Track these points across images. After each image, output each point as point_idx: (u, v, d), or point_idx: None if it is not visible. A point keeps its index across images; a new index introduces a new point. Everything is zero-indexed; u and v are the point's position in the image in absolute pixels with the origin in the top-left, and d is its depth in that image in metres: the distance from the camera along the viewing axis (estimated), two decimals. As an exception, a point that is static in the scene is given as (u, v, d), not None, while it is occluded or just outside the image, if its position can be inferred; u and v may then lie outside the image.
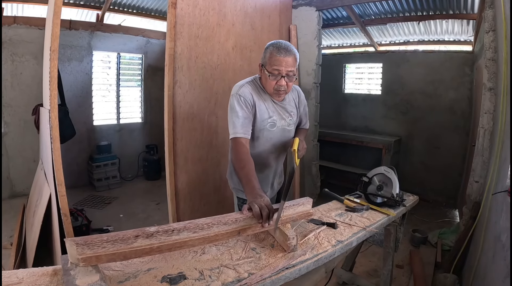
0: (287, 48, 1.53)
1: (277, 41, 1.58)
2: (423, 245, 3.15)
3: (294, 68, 1.56)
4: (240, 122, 1.58)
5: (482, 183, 2.41)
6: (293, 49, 1.55)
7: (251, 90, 1.63)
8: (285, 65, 1.53)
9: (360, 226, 1.48)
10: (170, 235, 1.00)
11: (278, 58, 1.52)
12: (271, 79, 1.57)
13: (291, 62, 1.54)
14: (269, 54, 1.55)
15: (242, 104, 1.59)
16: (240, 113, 1.58)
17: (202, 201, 2.75)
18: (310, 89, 3.60)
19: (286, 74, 1.55)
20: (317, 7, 3.49)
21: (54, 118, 2.06)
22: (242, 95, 1.60)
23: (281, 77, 1.55)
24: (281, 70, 1.53)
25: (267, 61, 1.57)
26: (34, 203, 2.75)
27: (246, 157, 1.52)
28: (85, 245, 0.88)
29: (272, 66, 1.54)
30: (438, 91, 4.33)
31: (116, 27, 4.82)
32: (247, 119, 1.60)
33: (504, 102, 1.88)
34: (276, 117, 1.71)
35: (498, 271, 1.39)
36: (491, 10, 2.32)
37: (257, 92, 1.66)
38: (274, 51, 1.53)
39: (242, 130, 1.57)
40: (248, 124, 1.61)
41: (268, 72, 1.56)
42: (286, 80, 1.57)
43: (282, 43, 1.55)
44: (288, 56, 1.52)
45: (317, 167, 3.87)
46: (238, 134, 1.57)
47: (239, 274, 1.04)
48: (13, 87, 4.01)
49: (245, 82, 1.67)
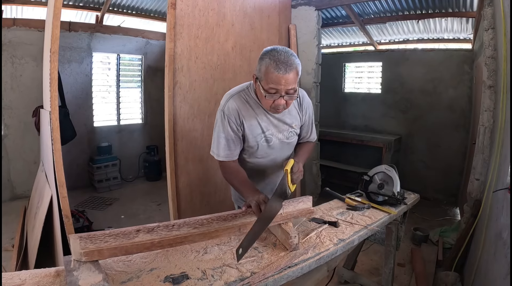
0: (287, 62, 1.25)
1: (275, 50, 1.28)
2: (424, 243, 3.15)
3: (295, 85, 1.30)
4: (222, 144, 1.45)
5: (482, 181, 2.41)
6: (294, 61, 1.28)
7: (239, 105, 1.43)
8: (285, 83, 1.27)
9: (362, 225, 1.48)
10: (171, 230, 1.02)
11: (277, 76, 1.25)
12: (267, 98, 1.32)
13: (292, 79, 1.28)
14: (265, 69, 1.27)
15: (226, 123, 1.43)
16: (223, 133, 1.44)
17: (203, 202, 2.75)
18: (310, 89, 3.60)
19: (286, 93, 1.30)
20: (316, 7, 3.50)
21: (54, 120, 2.06)
22: (227, 112, 1.42)
23: (279, 97, 1.30)
24: (280, 89, 1.28)
25: (263, 76, 1.29)
26: (35, 205, 2.75)
27: (235, 170, 1.45)
28: (88, 239, 0.90)
29: (269, 84, 1.28)
30: (438, 89, 4.33)
31: (115, 29, 4.82)
32: (231, 140, 1.45)
33: (504, 99, 1.88)
34: (272, 130, 1.51)
35: (500, 268, 1.40)
36: (490, 8, 2.32)
37: (247, 107, 1.44)
38: (272, 67, 1.25)
39: (224, 154, 1.46)
40: (233, 144, 1.46)
41: (264, 90, 1.30)
42: (286, 98, 1.32)
43: (281, 54, 1.26)
44: (289, 72, 1.25)
45: (317, 166, 3.88)
46: (220, 157, 1.47)
47: (242, 273, 1.05)
48: (13, 89, 4.01)
49: (234, 93, 1.47)
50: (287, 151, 1.63)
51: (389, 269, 2.05)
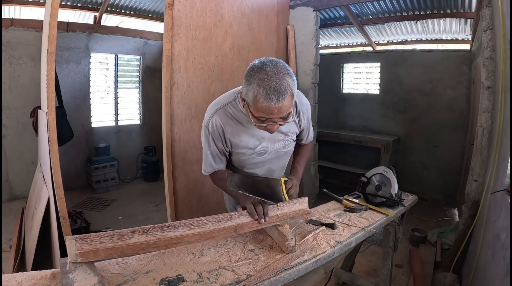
0: (280, 89, 1.06)
1: (264, 73, 1.07)
2: (422, 244, 3.15)
3: (290, 108, 1.14)
4: (209, 161, 1.43)
5: (481, 182, 2.41)
6: (288, 84, 1.08)
7: (223, 121, 1.31)
8: (278, 112, 1.10)
9: (359, 227, 1.47)
10: (166, 231, 1.02)
11: (268, 107, 1.08)
12: (258, 125, 1.18)
13: (287, 105, 1.11)
14: (254, 97, 1.09)
15: (210, 140, 1.37)
16: (208, 150, 1.40)
17: (201, 203, 2.75)
18: (308, 89, 3.60)
19: (280, 118, 1.15)
20: (314, 7, 3.49)
21: (51, 121, 2.05)
22: (210, 130, 1.33)
23: (273, 123, 1.17)
24: (273, 118, 1.13)
25: (251, 102, 1.11)
26: (33, 206, 2.74)
27: (224, 176, 1.37)
28: (84, 240, 0.90)
29: (259, 113, 1.12)
30: (436, 90, 4.34)
31: (113, 29, 4.81)
32: (217, 156, 1.42)
33: (502, 100, 1.88)
34: (267, 143, 1.41)
35: (498, 269, 1.40)
36: (488, 9, 2.32)
37: (235, 122, 1.32)
38: (261, 96, 1.06)
39: (210, 169, 1.45)
40: (219, 160, 1.44)
41: (253, 117, 1.16)
42: (280, 123, 1.18)
43: (271, 79, 1.06)
44: (282, 100, 1.07)
45: (315, 167, 3.87)
46: (207, 172, 1.47)
47: (238, 276, 1.04)
48: (10, 89, 4.00)
49: (219, 107, 1.32)
50: (285, 160, 1.59)
51: (387, 270, 2.04)
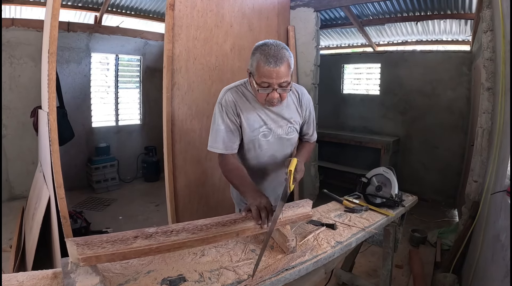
0: (277, 55, 1.27)
1: (265, 45, 1.31)
2: (422, 245, 3.15)
3: (288, 77, 1.32)
4: (221, 137, 1.46)
5: (481, 183, 2.41)
6: (285, 54, 1.30)
7: (236, 98, 1.46)
8: (276, 76, 1.29)
9: (359, 227, 1.48)
10: (169, 236, 1.01)
11: (268, 69, 1.28)
12: (261, 92, 1.34)
13: (284, 72, 1.30)
14: (257, 63, 1.30)
15: (224, 115, 1.45)
16: (222, 126, 1.45)
17: (201, 202, 2.75)
18: (308, 90, 3.54)
19: (279, 86, 1.32)
20: (315, 8, 3.50)
21: (52, 121, 2.05)
22: (224, 104, 1.45)
23: (272, 90, 1.33)
24: (272, 82, 1.30)
25: (255, 70, 1.33)
26: (33, 206, 2.74)
27: (235, 167, 1.43)
28: (85, 245, 0.89)
29: (261, 78, 1.30)
30: (437, 91, 4.34)
31: (114, 29, 4.81)
32: (230, 132, 1.47)
33: (502, 101, 1.88)
34: (271, 125, 1.52)
35: (498, 270, 1.40)
36: (489, 10, 2.33)
37: (244, 100, 1.48)
38: (262, 61, 1.28)
39: (223, 146, 1.47)
40: (232, 137, 1.48)
41: (257, 84, 1.34)
42: (279, 91, 1.34)
43: (271, 48, 1.29)
44: (280, 65, 1.27)
45: (316, 167, 3.87)
46: (219, 149, 1.47)
47: (239, 275, 1.04)
48: (11, 89, 4.00)
49: (231, 87, 1.50)
50: (287, 148, 1.62)
51: (387, 270, 2.05)
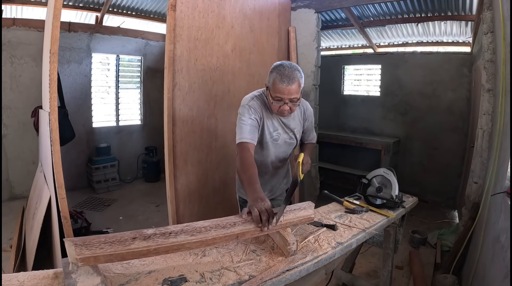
0: (290, 76, 1.53)
1: (281, 66, 1.57)
2: (422, 246, 3.15)
3: (298, 94, 1.58)
4: (247, 129, 1.62)
5: (481, 184, 2.41)
6: (296, 75, 1.56)
7: (260, 104, 1.70)
8: (288, 93, 1.55)
9: (360, 228, 1.48)
10: (168, 237, 1.00)
11: (281, 87, 1.53)
12: (274, 104, 1.61)
13: (295, 89, 1.56)
14: (273, 81, 1.57)
15: (251, 114, 1.65)
16: (249, 121, 1.63)
17: (202, 203, 2.75)
18: (309, 91, 3.60)
19: (290, 101, 1.58)
20: (316, 9, 3.50)
21: (54, 121, 2.06)
22: (252, 106, 1.67)
23: (284, 103, 1.58)
24: (284, 98, 1.56)
25: (271, 85, 1.59)
26: (34, 206, 2.74)
27: (250, 162, 1.53)
28: (84, 246, 0.89)
29: (276, 93, 1.56)
30: (437, 92, 4.34)
31: (115, 29, 4.82)
32: (254, 127, 1.65)
33: (502, 103, 1.88)
34: (281, 131, 1.79)
35: (498, 271, 1.40)
36: (489, 12, 2.33)
37: (265, 107, 1.72)
38: (277, 79, 1.54)
39: (249, 136, 1.61)
40: (255, 131, 1.65)
41: (271, 97, 1.60)
42: (290, 105, 1.60)
43: (286, 69, 1.55)
44: (292, 84, 1.53)
45: (316, 168, 3.87)
46: (244, 139, 1.61)
47: (240, 276, 1.05)
48: (12, 89, 4.01)
49: (257, 95, 1.74)
50: (288, 150, 1.90)
51: (387, 271, 2.05)
